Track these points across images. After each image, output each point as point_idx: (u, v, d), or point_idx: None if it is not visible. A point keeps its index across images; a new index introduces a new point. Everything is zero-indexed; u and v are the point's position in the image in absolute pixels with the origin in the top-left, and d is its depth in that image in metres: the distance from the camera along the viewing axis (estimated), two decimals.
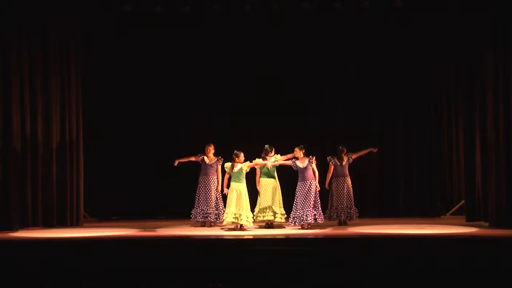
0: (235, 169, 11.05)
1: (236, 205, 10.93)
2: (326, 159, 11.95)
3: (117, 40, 13.75)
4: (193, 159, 12.00)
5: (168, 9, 13.23)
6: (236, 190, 10.99)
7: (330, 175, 11.96)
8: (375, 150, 12.28)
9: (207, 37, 13.76)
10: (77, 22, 12.68)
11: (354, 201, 11.99)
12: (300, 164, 11.18)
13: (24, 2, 11.78)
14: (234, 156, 11.09)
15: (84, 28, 12.93)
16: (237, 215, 10.89)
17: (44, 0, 12.12)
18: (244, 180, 11.10)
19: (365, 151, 12.22)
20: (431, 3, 13.06)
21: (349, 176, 11.99)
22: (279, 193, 11.56)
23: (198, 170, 12.00)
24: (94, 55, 13.46)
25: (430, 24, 13.31)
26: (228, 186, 11.16)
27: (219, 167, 11.84)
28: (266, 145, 11.53)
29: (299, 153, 11.18)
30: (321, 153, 11.76)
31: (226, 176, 11.25)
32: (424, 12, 13.22)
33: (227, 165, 11.17)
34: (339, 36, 13.61)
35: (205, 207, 11.75)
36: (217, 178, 11.83)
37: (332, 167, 11.95)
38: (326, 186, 11.92)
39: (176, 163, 12.03)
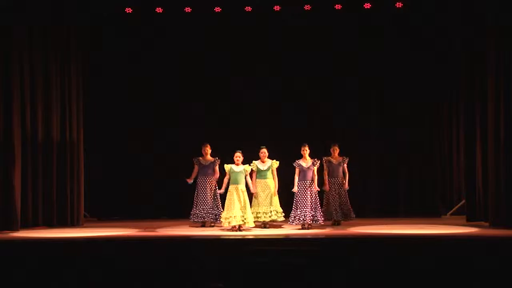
0: (238, 169, 11.01)
1: (241, 208, 10.87)
2: (322, 160, 11.88)
3: (117, 40, 13.76)
4: (196, 170, 11.90)
5: (168, 9, 13.26)
6: (242, 192, 10.95)
7: (327, 176, 11.87)
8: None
9: (207, 37, 13.77)
10: (77, 22, 12.68)
11: (349, 200, 11.93)
12: (304, 164, 11.16)
13: (25, 2, 11.78)
14: (240, 157, 11.05)
15: (84, 28, 12.93)
16: (244, 218, 10.87)
17: (44, 0, 12.12)
18: None
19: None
20: (432, 3, 13.07)
21: (342, 177, 11.96)
22: (273, 193, 11.55)
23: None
24: (94, 55, 13.46)
25: (430, 24, 13.33)
26: (226, 188, 11.13)
27: (217, 167, 11.84)
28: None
29: (304, 151, 11.16)
30: (319, 153, 11.77)
31: (226, 177, 11.16)
32: (425, 12, 13.23)
33: (228, 166, 11.12)
34: (339, 36, 13.62)
35: (204, 207, 11.74)
36: (215, 179, 11.83)
37: (327, 167, 11.90)
38: (326, 187, 11.84)
39: (190, 181, 11.89)
